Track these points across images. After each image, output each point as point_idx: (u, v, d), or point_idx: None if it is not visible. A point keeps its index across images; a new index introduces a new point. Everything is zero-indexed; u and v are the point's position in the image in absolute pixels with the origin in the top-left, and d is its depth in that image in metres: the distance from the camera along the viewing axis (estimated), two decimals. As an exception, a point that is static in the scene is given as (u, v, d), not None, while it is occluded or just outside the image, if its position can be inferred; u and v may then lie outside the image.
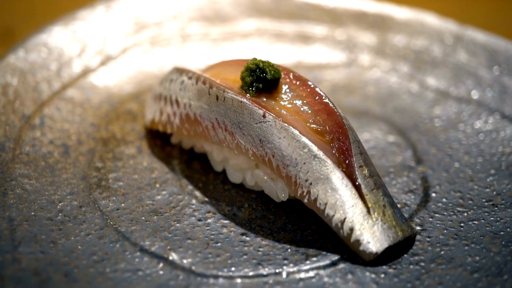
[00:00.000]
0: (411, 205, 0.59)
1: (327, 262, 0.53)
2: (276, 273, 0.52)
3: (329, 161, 0.54)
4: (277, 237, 0.56)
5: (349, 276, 0.52)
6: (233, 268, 0.52)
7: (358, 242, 0.53)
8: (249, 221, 0.57)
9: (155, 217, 0.57)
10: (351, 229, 0.53)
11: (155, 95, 0.65)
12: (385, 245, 0.53)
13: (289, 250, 0.54)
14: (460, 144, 0.66)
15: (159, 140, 0.66)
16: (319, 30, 0.82)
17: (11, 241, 0.52)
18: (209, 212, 0.58)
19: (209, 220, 0.57)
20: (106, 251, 0.53)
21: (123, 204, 0.58)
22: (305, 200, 0.55)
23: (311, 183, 0.54)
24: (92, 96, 0.70)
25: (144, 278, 0.51)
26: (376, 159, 0.64)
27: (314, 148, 0.54)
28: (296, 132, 0.55)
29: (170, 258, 0.53)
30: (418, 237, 0.56)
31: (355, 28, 0.81)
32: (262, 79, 0.57)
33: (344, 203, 0.53)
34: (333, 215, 0.54)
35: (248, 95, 0.57)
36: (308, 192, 0.54)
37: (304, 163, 0.54)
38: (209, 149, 0.61)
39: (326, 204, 0.54)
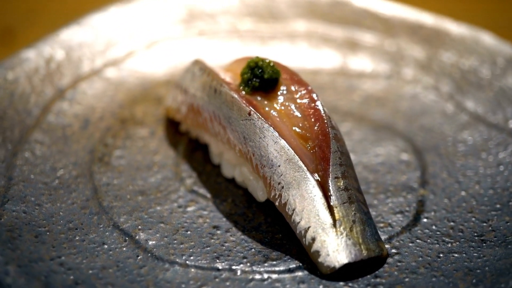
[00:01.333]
0: (395, 226, 0.57)
1: (284, 267, 0.53)
2: (230, 269, 0.52)
3: (303, 167, 0.53)
4: (247, 236, 0.56)
5: (301, 286, 0.51)
6: (191, 257, 0.53)
7: (317, 253, 0.52)
8: (226, 215, 0.58)
9: (139, 197, 0.59)
10: (313, 239, 0.52)
11: (175, 84, 0.68)
12: (345, 261, 0.51)
13: (252, 249, 0.54)
14: (475, 173, 0.62)
15: (174, 127, 0.68)
16: (369, 38, 0.80)
17: (2, 197, 0.57)
18: (192, 201, 0.59)
19: (188, 209, 0.58)
20: (82, 221, 0.56)
21: (115, 181, 0.61)
22: (276, 203, 0.54)
23: (283, 187, 0.54)
24: (128, 78, 0.74)
25: (106, 251, 0.54)
26: (379, 175, 0.62)
27: (290, 152, 0.54)
28: (276, 134, 0.54)
29: (137, 237, 0.55)
30: (389, 259, 0.53)
31: (406, 40, 0.78)
32: (259, 78, 0.58)
33: (311, 212, 0.52)
34: (299, 222, 0.53)
35: (243, 91, 0.58)
36: (280, 196, 0.54)
37: (279, 166, 0.54)
38: (209, 141, 0.63)
39: (294, 210, 0.53)
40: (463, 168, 0.63)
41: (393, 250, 0.54)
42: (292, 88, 0.58)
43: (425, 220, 0.57)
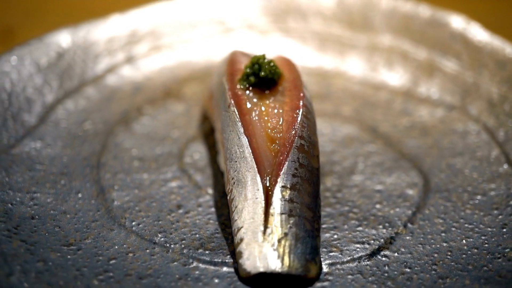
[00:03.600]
0: (345, 255, 0.53)
1: (210, 259, 0.53)
2: (163, 246, 0.54)
3: (255, 168, 0.53)
4: (202, 221, 0.57)
5: (214, 280, 0.51)
6: (139, 226, 0.56)
7: (240, 254, 0.51)
8: (197, 199, 0.59)
9: (135, 162, 0.63)
10: (241, 240, 0.52)
11: (219, 70, 0.70)
12: (260, 269, 0.50)
13: (196, 235, 0.55)
14: (472, 228, 0.55)
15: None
16: (452, 65, 0.73)
17: (26, 133, 0.65)
18: (177, 178, 0.62)
19: (169, 184, 0.61)
20: (75, 169, 0.62)
21: (125, 143, 0.65)
22: (228, 197, 0.55)
23: (234, 183, 0.54)
24: (197, 59, 0.78)
25: (76, 200, 0.59)
26: (368, 202, 0.58)
27: (248, 151, 0.54)
28: (241, 129, 0.54)
29: (107, 195, 0.59)
30: (316, 284, 0.51)
31: (489, 73, 0.71)
32: (255, 75, 0.58)
33: (248, 213, 0.52)
34: (236, 220, 0.53)
35: (238, 85, 0.58)
36: (231, 191, 0.54)
37: (236, 162, 0.54)
38: (216, 127, 0.64)
39: (236, 207, 0.53)
40: (463, 219, 0.56)
41: (327, 276, 0.51)
42: (288, 92, 0.57)
43: (382, 258, 0.53)
